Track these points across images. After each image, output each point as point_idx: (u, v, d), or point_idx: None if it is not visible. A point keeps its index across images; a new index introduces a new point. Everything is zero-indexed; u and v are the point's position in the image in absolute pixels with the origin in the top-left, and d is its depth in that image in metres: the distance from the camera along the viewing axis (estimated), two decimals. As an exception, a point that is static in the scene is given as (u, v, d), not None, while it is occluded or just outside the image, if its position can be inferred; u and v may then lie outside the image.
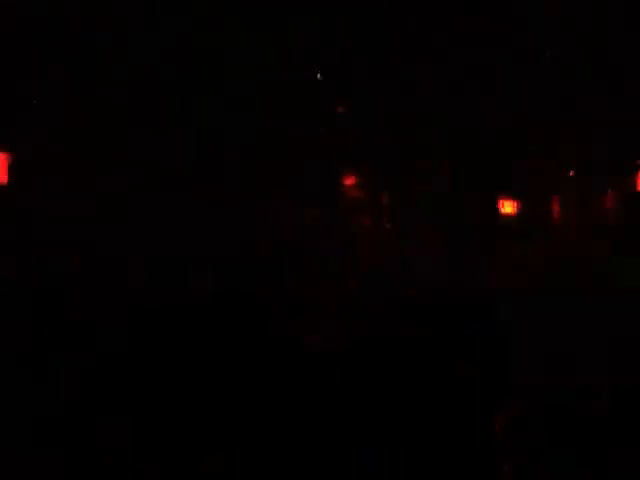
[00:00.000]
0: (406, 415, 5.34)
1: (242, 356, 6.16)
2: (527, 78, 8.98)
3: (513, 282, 8.17)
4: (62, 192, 8.03)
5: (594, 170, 9.13)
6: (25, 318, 6.64)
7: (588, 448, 5.00)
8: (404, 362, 6.09)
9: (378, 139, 9.23)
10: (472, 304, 7.41)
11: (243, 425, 5.27)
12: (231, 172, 8.71)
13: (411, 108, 9.17)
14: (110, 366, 6.07)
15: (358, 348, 6.28)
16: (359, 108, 9.43)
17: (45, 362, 6.18)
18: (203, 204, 8.32)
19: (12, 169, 8.00)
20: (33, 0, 8.42)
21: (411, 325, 6.83)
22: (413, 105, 9.17)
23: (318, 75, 9.50)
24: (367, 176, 9.47)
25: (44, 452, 5.14)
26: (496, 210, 9.21)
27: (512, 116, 9.07)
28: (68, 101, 8.49)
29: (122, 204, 8.02)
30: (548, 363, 6.59)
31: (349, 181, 9.48)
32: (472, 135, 9.13)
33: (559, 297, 7.79)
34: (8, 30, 8.29)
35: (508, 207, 9.25)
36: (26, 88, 8.46)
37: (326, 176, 9.27)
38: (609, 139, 9.01)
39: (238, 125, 8.89)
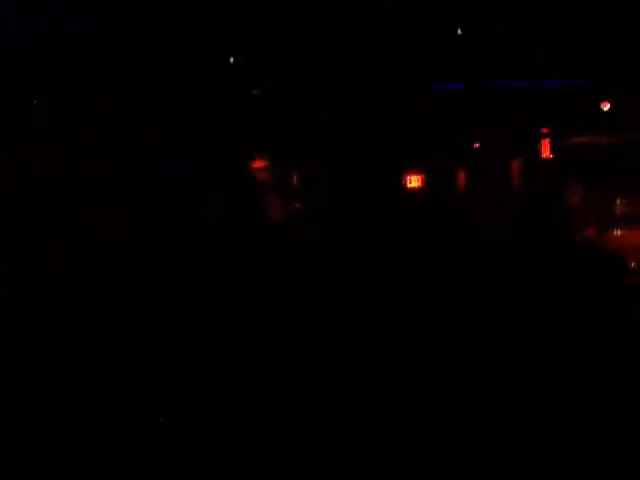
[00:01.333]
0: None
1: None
2: (426, 50, 9.05)
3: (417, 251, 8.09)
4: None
5: (499, 141, 9.06)
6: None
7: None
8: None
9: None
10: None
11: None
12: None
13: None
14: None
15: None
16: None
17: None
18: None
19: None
20: None
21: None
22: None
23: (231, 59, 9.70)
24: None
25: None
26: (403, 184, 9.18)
27: (415, 91, 9.12)
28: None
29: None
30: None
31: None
32: (376, 112, 9.17)
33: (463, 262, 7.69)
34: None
35: (415, 181, 9.21)
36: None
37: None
38: (510, 110, 8.98)
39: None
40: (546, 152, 9.16)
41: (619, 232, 8.30)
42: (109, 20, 9.05)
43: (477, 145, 9.28)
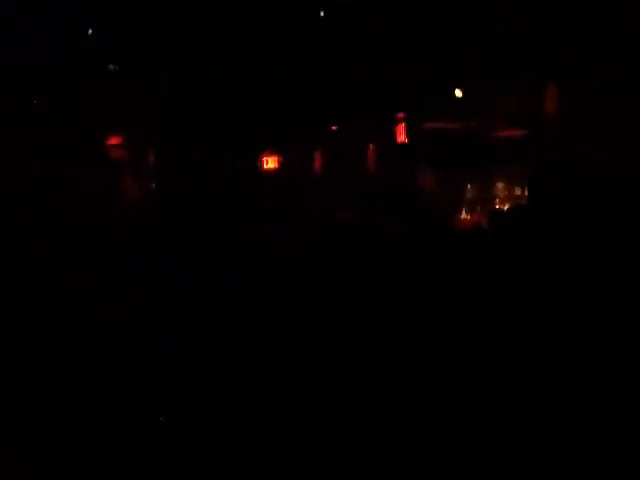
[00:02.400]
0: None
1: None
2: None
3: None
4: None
5: (355, 124, 9.14)
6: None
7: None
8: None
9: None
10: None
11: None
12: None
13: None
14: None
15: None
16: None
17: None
18: None
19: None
20: None
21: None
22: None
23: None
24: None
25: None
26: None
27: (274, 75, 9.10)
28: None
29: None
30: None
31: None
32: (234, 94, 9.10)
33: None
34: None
35: (271, 163, 9.18)
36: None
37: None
38: (368, 94, 9.06)
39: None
40: (401, 137, 9.31)
41: (468, 214, 8.52)
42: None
43: (334, 128, 9.33)
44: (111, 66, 9.52)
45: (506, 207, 8.44)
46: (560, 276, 6.71)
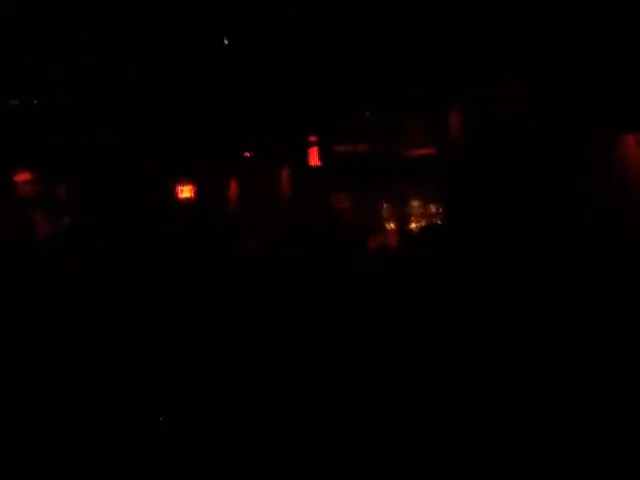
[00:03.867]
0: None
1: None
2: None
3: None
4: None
5: (269, 150, 9.26)
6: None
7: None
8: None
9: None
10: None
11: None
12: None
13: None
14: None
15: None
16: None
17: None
18: None
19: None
20: None
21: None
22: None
23: None
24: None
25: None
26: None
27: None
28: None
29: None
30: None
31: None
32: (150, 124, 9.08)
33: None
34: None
35: (186, 192, 9.19)
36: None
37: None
38: (280, 119, 9.20)
39: None
40: (314, 160, 9.47)
41: (385, 233, 8.74)
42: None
43: (247, 154, 9.42)
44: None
45: (420, 224, 8.72)
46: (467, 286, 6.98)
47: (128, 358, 6.17)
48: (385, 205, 9.04)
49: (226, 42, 9.53)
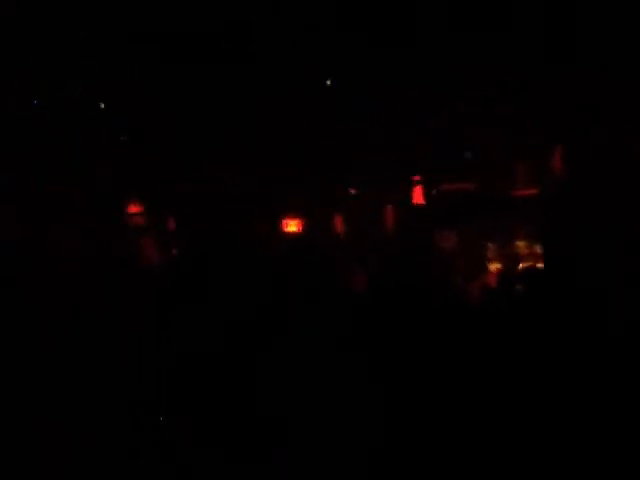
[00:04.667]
0: None
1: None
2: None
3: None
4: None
5: (373, 186, 9.40)
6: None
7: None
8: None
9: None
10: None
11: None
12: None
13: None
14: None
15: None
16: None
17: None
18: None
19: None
20: None
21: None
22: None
23: None
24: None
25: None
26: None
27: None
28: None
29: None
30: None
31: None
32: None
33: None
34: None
35: (292, 226, 9.36)
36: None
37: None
38: (385, 157, 9.34)
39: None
40: (418, 198, 9.59)
41: (490, 273, 8.76)
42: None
43: (352, 190, 9.58)
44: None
45: (528, 265, 8.71)
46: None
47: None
48: (490, 245, 9.08)
49: (328, 83, 9.62)
